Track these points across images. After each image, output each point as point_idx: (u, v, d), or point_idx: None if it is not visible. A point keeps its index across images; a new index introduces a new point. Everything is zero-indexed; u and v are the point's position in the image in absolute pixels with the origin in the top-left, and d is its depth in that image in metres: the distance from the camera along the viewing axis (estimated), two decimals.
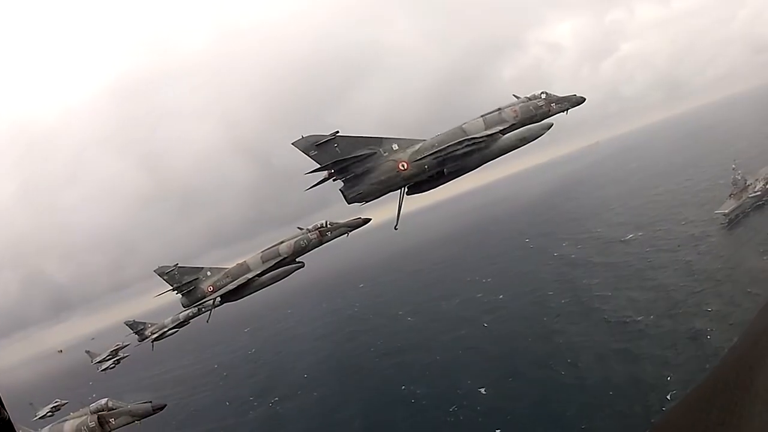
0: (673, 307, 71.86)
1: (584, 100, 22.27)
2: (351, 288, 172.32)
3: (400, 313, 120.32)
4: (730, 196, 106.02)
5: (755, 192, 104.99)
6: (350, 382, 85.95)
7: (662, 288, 79.57)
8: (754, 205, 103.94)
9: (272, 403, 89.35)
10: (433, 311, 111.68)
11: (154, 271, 29.71)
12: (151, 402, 27.07)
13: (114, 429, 26.56)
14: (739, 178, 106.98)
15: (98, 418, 26.04)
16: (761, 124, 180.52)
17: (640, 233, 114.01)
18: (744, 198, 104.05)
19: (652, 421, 48.20)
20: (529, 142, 21.67)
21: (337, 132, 20.21)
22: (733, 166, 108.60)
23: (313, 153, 20.23)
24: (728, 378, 45.23)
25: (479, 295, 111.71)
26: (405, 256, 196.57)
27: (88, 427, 26.02)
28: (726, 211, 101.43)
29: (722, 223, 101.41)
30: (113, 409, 26.39)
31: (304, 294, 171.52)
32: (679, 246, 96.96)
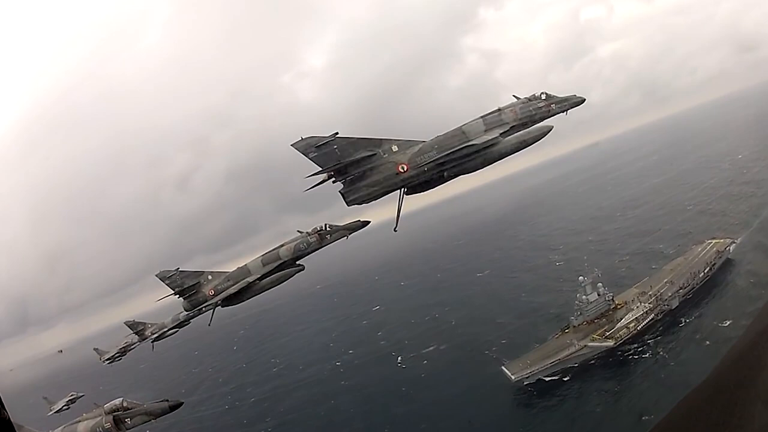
0: None
1: (584, 100, 22.36)
2: None
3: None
4: (562, 331, 60.13)
5: (620, 332, 54.71)
6: None
7: None
8: (597, 361, 54.64)
9: None
10: None
11: (156, 275, 29.44)
12: (167, 400, 26.24)
13: (130, 428, 25.80)
14: (594, 297, 59.15)
15: (114, 418, 25.36)
16: (735, 143, 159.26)
17: (443, 347, 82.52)
18: (581, 347, 55.11)
19: None
20: (530, 144, 21.80)
21: (337, 133, 20.29)
22: (581, 277, 64.19)
23: (312, 155, 20.29)
24: (728, 378, 45.20)
25: (248, 389, 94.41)
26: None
27: (103, 428, 25.30)
28: (514, 377, 56.43)
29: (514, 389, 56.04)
30: (129, 409, 25.66)
31: None
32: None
